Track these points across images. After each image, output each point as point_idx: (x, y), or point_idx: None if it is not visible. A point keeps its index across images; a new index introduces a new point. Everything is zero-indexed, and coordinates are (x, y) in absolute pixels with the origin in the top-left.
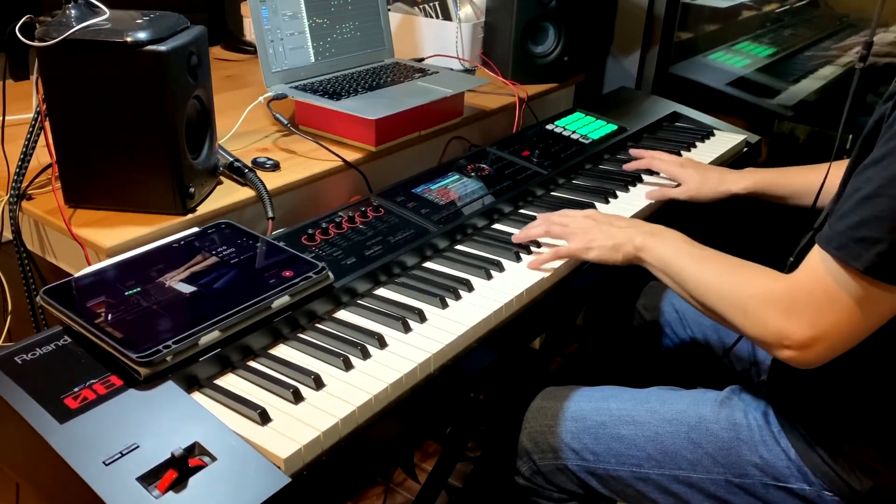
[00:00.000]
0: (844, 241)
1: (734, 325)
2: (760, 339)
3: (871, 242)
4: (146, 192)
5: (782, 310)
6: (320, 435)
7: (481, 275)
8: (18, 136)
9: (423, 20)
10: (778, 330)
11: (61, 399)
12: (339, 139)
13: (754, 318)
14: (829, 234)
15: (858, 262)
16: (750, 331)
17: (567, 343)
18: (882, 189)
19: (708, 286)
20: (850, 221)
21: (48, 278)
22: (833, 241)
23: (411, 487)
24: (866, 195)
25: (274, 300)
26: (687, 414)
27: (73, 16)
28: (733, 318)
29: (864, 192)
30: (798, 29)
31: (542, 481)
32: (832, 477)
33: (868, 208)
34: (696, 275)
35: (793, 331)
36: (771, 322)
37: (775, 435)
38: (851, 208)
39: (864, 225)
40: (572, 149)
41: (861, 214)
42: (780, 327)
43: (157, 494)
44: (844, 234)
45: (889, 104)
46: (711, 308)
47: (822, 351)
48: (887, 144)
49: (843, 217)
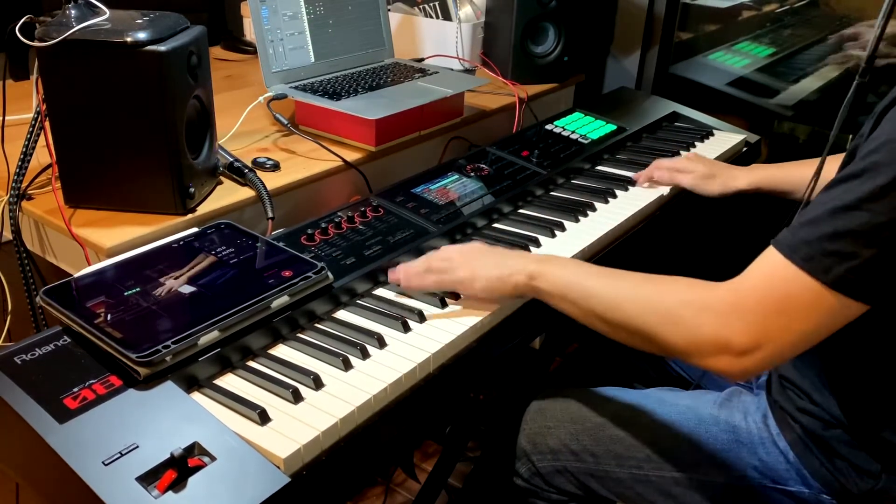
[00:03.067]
0: (814, 252)
1: (658, 338)
2: (693, 348)
3: (843, 257)
4: (146, 192)
5: (724, 314)
6: (320, 435)
7: None
8: (18, 136)
9: (422, 20)
10: (716, 336)
11: (61, 399)
12: (339, 139)
13: (686, 325)
14: (792, 241)
15: (827, 275)
16: (680, 340)
17: (567, 343)
18: (861, 202)
19: (623, 300)
20: (820, 231)
21: (48, 278)
22: (800, 251)
23: (411, 487)
24: (842, 206)
25: (273, 300)
26: (686, 416)
27: (73, 16)
28: (657, 329)
29: (840, 202)
30: (798, 29)
31: (540, 483)
32: (830, 480)
33: (844, 221)
34: (607, 290)
35: (734, 337)
36: (708, 328)
37: (774, 437)
38: (823, 218)
39: (839, 238)
40: (572, 149)
41: (834, 226)
42: (720, 333)
43: (156, 494)
44: (814, 244)
45: (872, 120)
46: (627, 324)
47: (762, 359)
48: (869, 158)
49: (811, 225)
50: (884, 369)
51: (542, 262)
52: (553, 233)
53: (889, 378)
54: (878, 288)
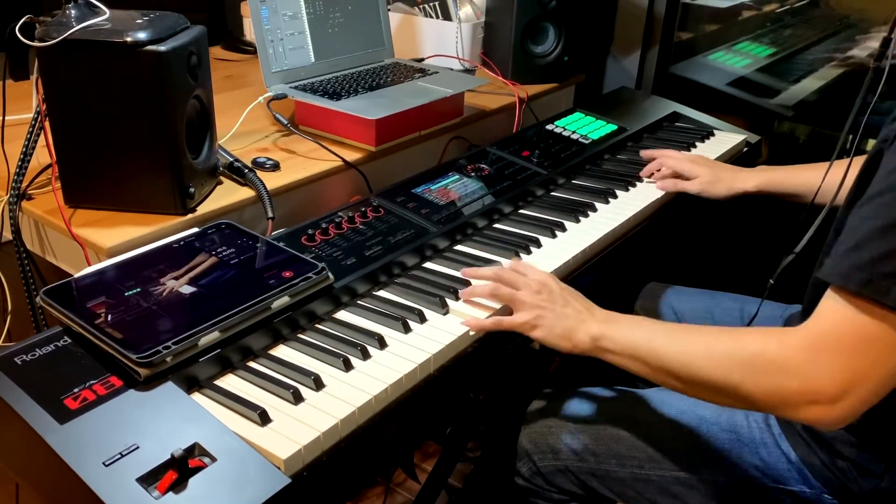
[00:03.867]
0: (868, 276)
1: (740, 394)
2: (778, 399)
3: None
4: (146, 192)
5: (805, 360)
6: (320, 435)
7: None
8: (18, 136)
9: (423, 20)
10: (802, 384)
11: (61, 400)
12: (339, 139)
13: (767, 377)
14: (842, 270)
15: (888, 297)
16: (763, 393)
17: None
18: None
19: (696, 357)
20: (869, 254)
21: (48, 278)
22: (854, 278)
23: (411, 487)
24: (887, 224)
25: (274, 301)
26: (687, 415)
27: (73, 16)
28: (738, 384)
29: (882, 221)
30: (798, 29)
31: (542, 482)
32: (832, 480)
33: (892, 239)
34: (679, 349)
35: (821, 382)
36: (792, 376)
37: (776, 437)
38: (869, 239)
39: (891, 257)
40: (572, 149)
41: (883, 247)
42: (805, 381)
43: (156, 495)
44: (865, 268)
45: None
46: (705, 382)
47: (856, 402)
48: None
49: (856, 250)
50: None
51: (604, 322)
52: (554, 233)
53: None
54: None
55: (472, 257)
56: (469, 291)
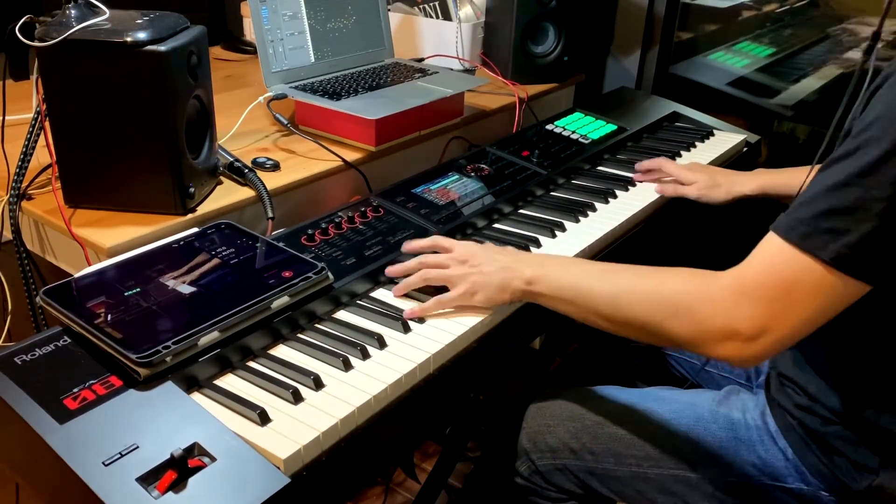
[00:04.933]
0: (810, 230)
1: (663, 331)
2: (700, 337)
3: (839, 233)
4: (146, 192)
5: (728, 302)
6: (320, 435)
7: None
8: (18, 136)
9: (423, 20)
10: (723, 324)
11: (61, 399)
12: (339, 139)
13: (691, 316)
14: (789, 222)
15: (825, 252)
16: (686, 331)
17: (567, 343)
18: (854, 179)
19: (624, 296)
20: (815, 210)
21: (48, 278)
22: (796, 230)
23: (411, 487)
24: (835, 184)
25: (273, 300)
26: (685, 414)
27: (73, 16)
28: (662, 322)
29: (833, 181)
30: (798, 29)
31: (541, 481)
32: (829, 476)
33: (837, 197)
34: (607, 288)
35: (741, 323)
36: (715, 316)
37: (773, 434)
38: (817, 196)
39: (833, 215)
40: (572, 149)
41: (829, 203)
42: (726, 321)
43: (156, 495)
44: (810, 222)
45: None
46: (631, 321)
47: (769, 343)
48: (861, 135)
49: (806, 205)
50: (884, 361)
51: (536, 265)
52: (553, 233)
53: (889, 370)
54: (877, 265)
55: None
56: (399, 288)
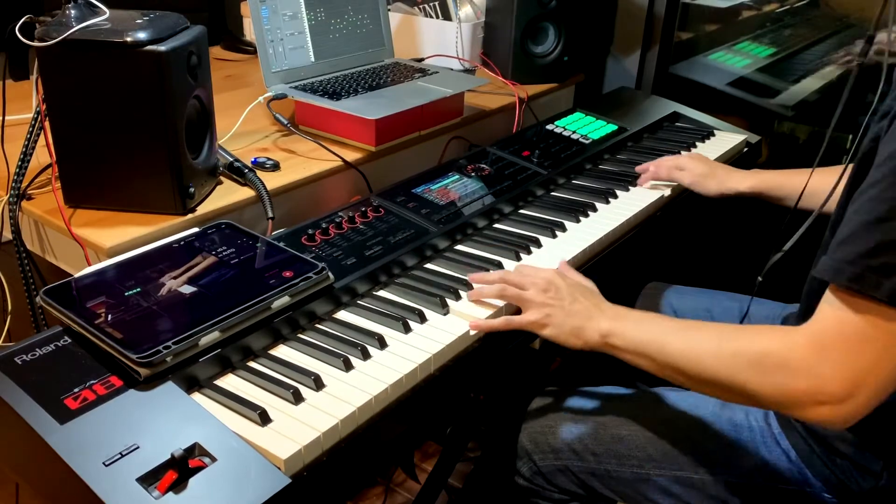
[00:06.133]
0: (859, 270)
1: (747, 392)
2: (786, 399)
3: (890, 269)
4: (146, 192)
5: (810, 361)
6: (320, 436)
7: None
8: (18, 136)
9: (423, 20)
10: (809, 385)
11: (61, 400)
12: (339, 139)
13: (774, 376)
14: (834, 265)
15: (879, 291)
16: (770, 392)
17: None
18: (893, 211)
19: (704, 355)
20: (859, 248)
21: (48, 278)
22: (845, 272)
23: (411, 487)
24: (876, 218)
25: (274, 300)
26: (688, 415)
27: (73, 16)
28: (745, 383)
29: (873, 215)
30: (798, 29)
31: (542, 482)
32: (831, 478)
33: (880, 233)
34: (687, 346)
35: (828, 382)
36: (799, 377)
37: (776, 436)
38: (858, 233)
39: (880, 251)
40: (572, 149)
41: (873, 240)
42: (812, 381)
43: (157, 495)
44: (857, 262)
45: (885, 122)
46: (712, 380)
47: (863, 400)
48: (890, 163)
49: (847, 243)
50: None
51: (613, 318)
52: (554, 233)
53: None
54: None
55: (473, 257)
56: (476, 293)
